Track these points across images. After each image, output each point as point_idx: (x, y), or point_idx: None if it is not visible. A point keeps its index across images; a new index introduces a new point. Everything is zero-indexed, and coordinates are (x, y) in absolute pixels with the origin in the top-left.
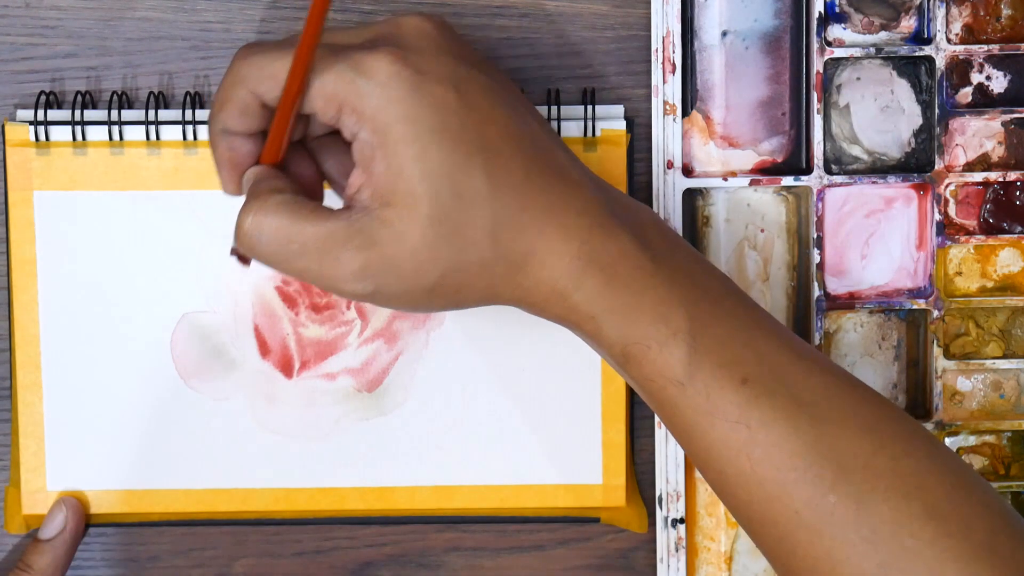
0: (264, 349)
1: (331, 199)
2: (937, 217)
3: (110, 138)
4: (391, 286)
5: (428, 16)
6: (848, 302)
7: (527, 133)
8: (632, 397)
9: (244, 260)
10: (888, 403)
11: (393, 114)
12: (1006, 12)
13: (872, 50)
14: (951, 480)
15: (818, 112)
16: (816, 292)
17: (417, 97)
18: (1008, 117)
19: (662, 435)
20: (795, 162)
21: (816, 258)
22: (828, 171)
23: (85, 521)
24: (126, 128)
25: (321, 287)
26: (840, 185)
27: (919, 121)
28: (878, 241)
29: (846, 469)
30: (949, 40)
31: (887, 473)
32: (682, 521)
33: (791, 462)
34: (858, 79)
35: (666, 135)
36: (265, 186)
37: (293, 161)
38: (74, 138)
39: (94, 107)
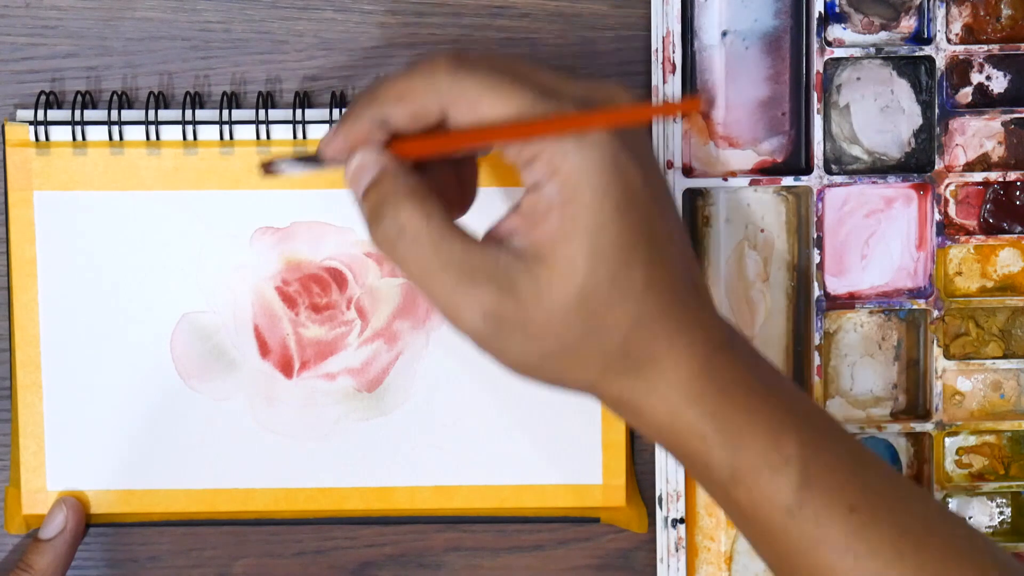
0: (264, 349)
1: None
2: (937, 217)
3: (110, 138)
4: (509, 338)
5: (632, 96)
6: (848, 302)
7: (680, 237)
8: None
9: (271, 172)
10: (979, 532)
11: (587, 181)
12: (1006, 12)
13: (872, 50)
14: None
15: (818, 112)
16: (816, 292)
17: (614, 172)
18: (1008, 117)
19: None
20: (795, 162)
21: (816, 258)
22: (828, 171)
23: (85, 521)
24: (126, 128)
25: (439, 307)
26: (840, 185)
27: (919, 121)
28: (878, 241)
29: None
30: (949, 40)
31: None
32: (682, 521)
33: None
34: (858, 79)
35: (666, 135)
36: (415, 185)
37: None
38: (74, 138)
39: (94, 107)
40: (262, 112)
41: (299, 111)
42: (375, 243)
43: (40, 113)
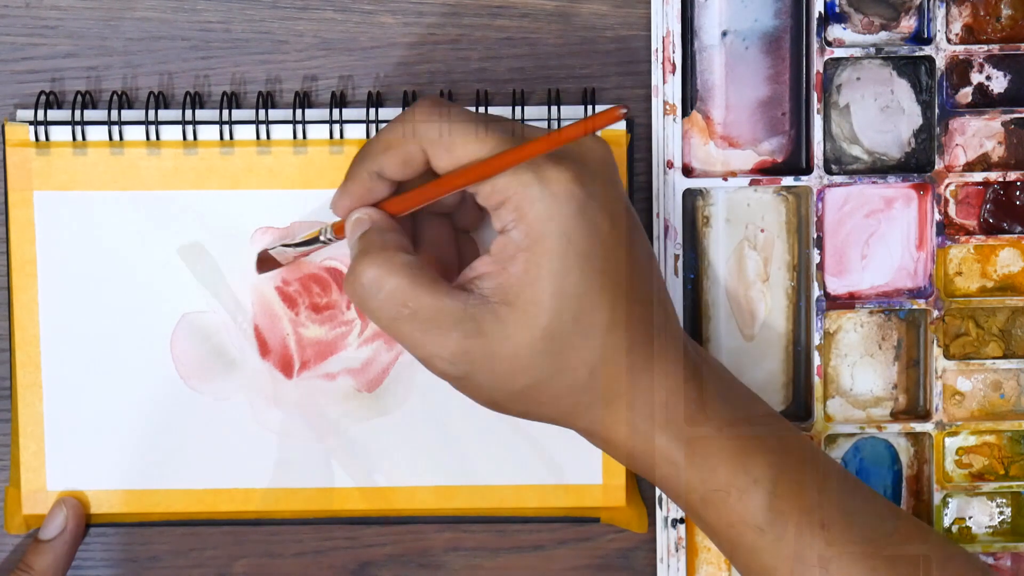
0: (264, 349)
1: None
2: (937, 217)
3: (110, 138)
4: (479, 377)
5: (605, 142)
6: (848, 302)
7: (651, 276)
8: None
9: (264, 268)
10: (952, 543)
11: (553, 227)
12: (1006, 12)
13: (872, 50)
14: None
15: (818, 112)
16: (816, 292)
17: (580, 220)
18: (1008, 117)
19: None
20: (795, 162)
21: (816, 258)
22: (828, 171)
23: (85, 521)
24: (126, 128)
25: (414, 353)
26: (840, 185)
27: (919, 121)
28: (878, 241)
29: None
30: (949, 40)
31: None
32: (682, 521)
33: None
34: (858, 79)
35: (666, 135)
36: (390, 240)
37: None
38: (74, 138)
39: (94, 107)
40: (262, 112)
41: (299, 111)
42: (350, 296)
43: (40, 113)
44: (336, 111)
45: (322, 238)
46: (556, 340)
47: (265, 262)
